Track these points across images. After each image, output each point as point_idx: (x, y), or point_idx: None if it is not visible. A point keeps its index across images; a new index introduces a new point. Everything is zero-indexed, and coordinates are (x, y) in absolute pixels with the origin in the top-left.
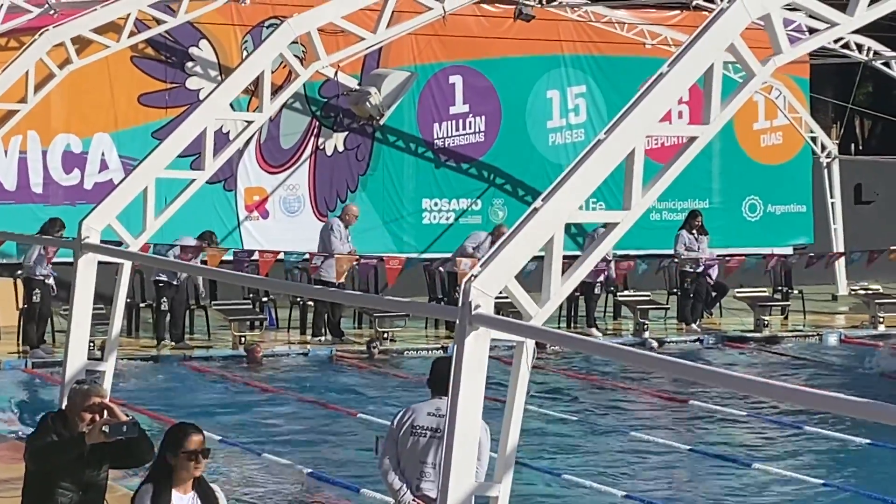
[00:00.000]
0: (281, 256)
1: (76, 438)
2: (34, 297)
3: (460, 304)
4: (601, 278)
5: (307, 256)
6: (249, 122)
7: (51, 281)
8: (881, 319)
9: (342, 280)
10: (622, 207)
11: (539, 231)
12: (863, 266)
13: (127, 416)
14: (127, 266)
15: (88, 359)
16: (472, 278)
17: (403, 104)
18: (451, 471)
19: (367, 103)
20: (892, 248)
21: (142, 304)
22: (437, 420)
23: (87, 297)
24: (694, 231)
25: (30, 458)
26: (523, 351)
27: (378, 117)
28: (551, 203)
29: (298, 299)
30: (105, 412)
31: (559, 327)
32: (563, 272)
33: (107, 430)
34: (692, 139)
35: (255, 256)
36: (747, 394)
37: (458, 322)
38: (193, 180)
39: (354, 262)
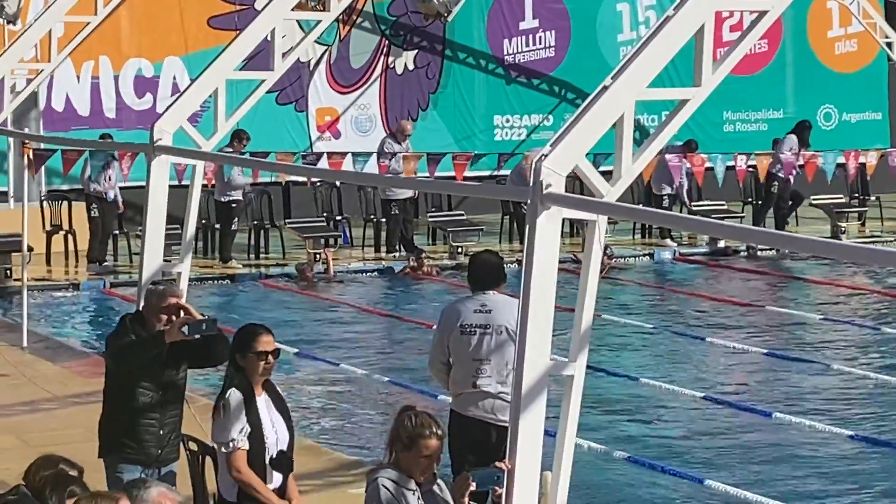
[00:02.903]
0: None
1: (156, 336)
2: (92, 213)
3: (531, 183)
4: (669, 190)
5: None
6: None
7: (112, 196)
8: None
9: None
10: (692, 84)
11: (609, 109)
12: None
13: (203, 315)
14: (200, 167)
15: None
16: (543, 158)
17: (473, 20)
18: (525, 349)
19: (434, 0)
20: None
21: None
22: (486, 316)
23: (161, 199)
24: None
25: (111, 357)
26: (596, 229)
27: (446, 14)
28: (621, 81)
29: (372, 217)
30: (181, 312)
31: (634, 240)
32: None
33: (186, 329)
34: (762, 13)
35: (325, 163)
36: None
37: (529, 202)
38: (263, 81)
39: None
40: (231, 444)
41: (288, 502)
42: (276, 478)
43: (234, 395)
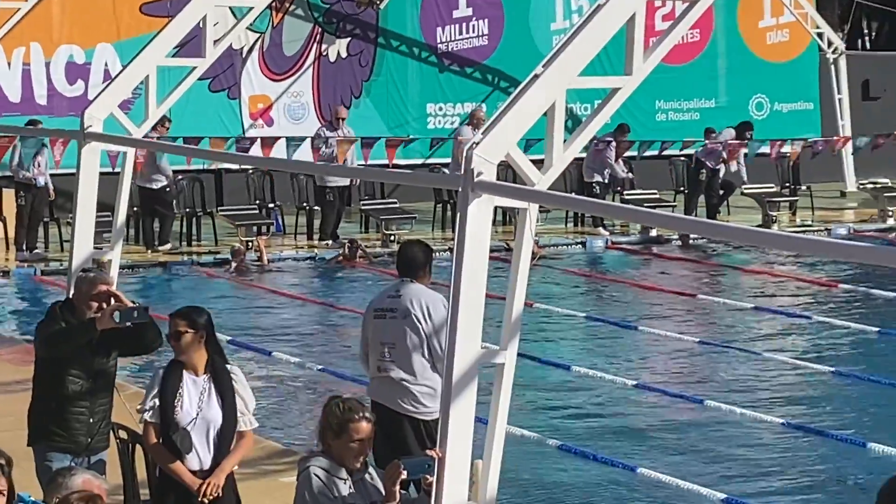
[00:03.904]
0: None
1: (87, 324)
2: (20, 201)
3: (462, 171)
4: (600, 179)
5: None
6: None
7: (43, 183)
8: (890, 213)
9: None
10: (623, 73)
11: (540, 97)
12: (869, 158)
13: (134, 302)
14: (130, 154)
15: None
16: (474, 146)
17: (406, 8)
18: (456, 338)
19: None
20: None
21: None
22: (395, 301)
23: (91, 186)
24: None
25: (41, 344)
26: (527, 217)
27: (378, 2)
28: (552, 69)
29: (305, 204)
30: (112, 299)
31: (566, 228)
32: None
33: (117, 316)
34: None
35: (258, 151)
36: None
37: (460, 190)
38: (195, 68)
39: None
40: (142, 416)
41: (201, 481)
42: (197, 459)
43: (158, 371)
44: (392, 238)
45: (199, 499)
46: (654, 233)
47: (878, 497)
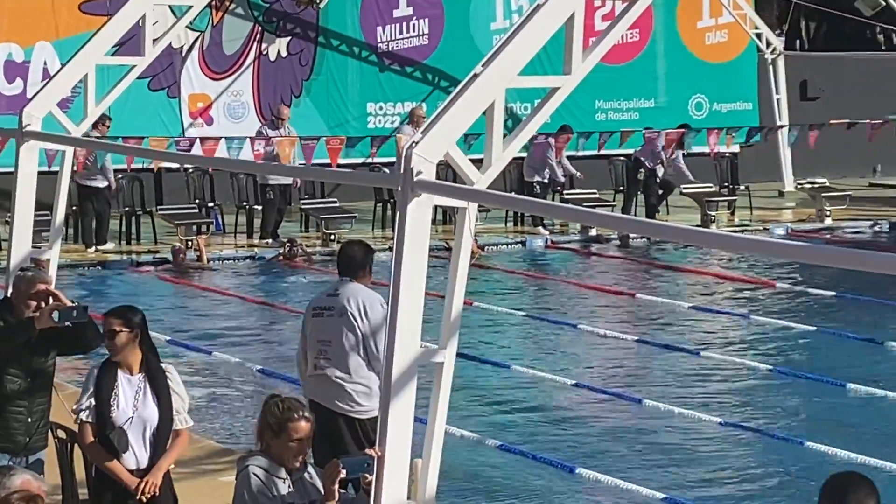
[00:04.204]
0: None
1: (25, 323)
2: None
3: (402, 170)
4: (540, 178)
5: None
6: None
7: None
8: (828, 213)
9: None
10: (563, 72)
11: (479, 97)
12: (807, 158)
13: (73, 302)
14: (69, 153)
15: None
16: (414, 145)
17: (346, 7)
18: (395, 337)
19: None
20: (832, 121)
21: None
22: (333, 299)
23: (30, 184)
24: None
25: None
26: (466, 216)
27: (318, 1)
28: (491, 69)
29: (245, 203)
30: (51, 298)
31: (506, 227)
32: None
33: (56, 315)
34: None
35: (198, 150)
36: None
37: (399, 189)
38: (134, 66)
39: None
40: (78, 416)
41: (138, 480)
42: (134, 458)
43: (92, 371)
44: (332, 237)
45: (136, 497)
46: (593, 232)
47: (821, 494)
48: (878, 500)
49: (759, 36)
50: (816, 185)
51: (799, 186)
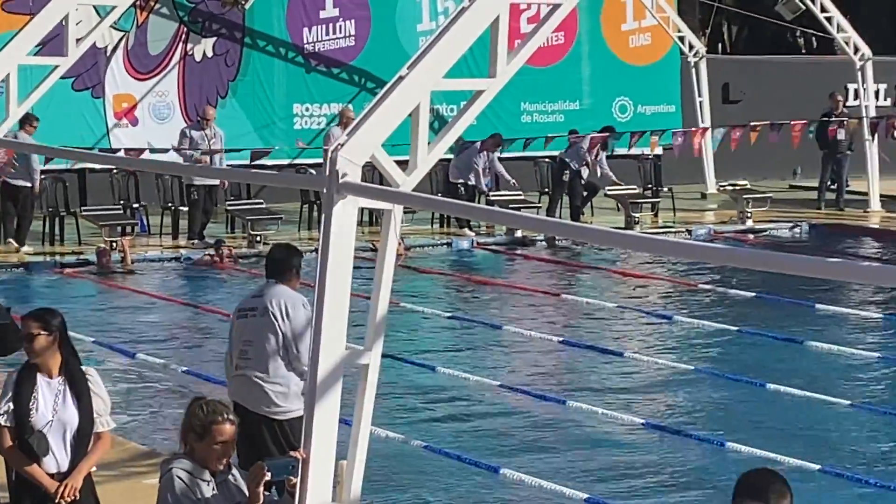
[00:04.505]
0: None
1: None
2: None
3: (327, 172)
4: (466, 181)
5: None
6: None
7: None
8: (749, 214)
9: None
10: (488, 75)
11: (405, 99)
12: (729, 160)
13: None
14: None
15: None
16: (339, 147)
17: (273, 9)
18: (321, 338)
19: None
20: (753, 123)
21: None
22: (256, 300)
23: None
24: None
25: None
26: (392, 218)
27: (243, 2)
28: (416, 71)
29: (170, 204)
30: None
31: (432, 229)
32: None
33: None
34: (555, 6)
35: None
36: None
37: (325, 191)
38: (57, 66)
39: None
40: None
41: (59, 483)
42: (55, 461)
43: (11, 375)
44: (258, 239)
45: (57, 501)
46: (519, 234)
47: (735, 492)
48: (792, 497)
49: (681, 39)
50: (738, 188)
51: (721, 188)
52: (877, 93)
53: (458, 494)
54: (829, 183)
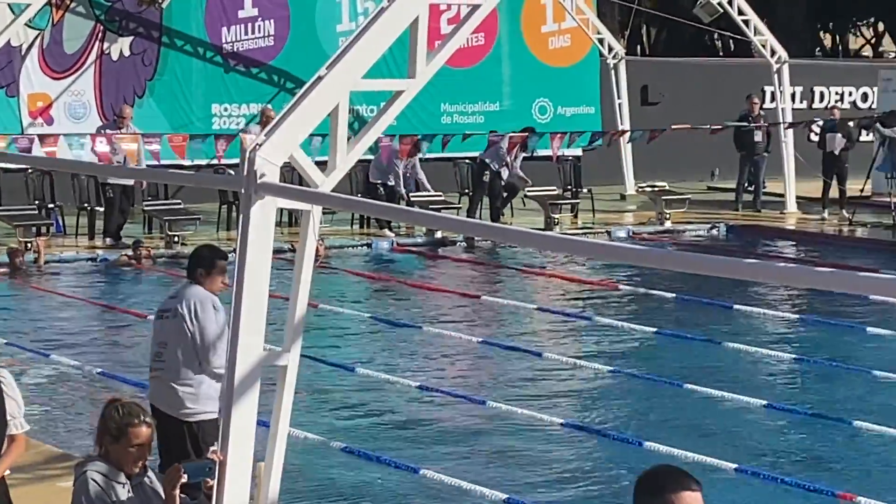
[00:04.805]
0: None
1: None
2: None
3: (245, 173)
4: (386, 181)
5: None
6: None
7: None
8: (667, 215)
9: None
10: (407, 75)
11: (323, 99)
12: (648, 161)
13: None
14: None
15: None
16: (257, 147)
17: (191, 8)
18: (238, 339)
19: None
20: (674, 125)
21: None
22: (172, 301)
23: None
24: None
25: None
26: (310, 219)
27: (160, 0)
28: (335, 71)
29: (86, 205)
30: None
31: (352, 230)
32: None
33: None
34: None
35: (38, 149)
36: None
37: (243, 192)
38: None
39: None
40: None
41: None
42: None
43: None
44: (176, 239)
45: None
46: (439, 234)
47: (635, 491)
48: (701, 491)
49: (601, 41)
50: (657, 189)
51: (640, 190)
52: (793, 95)
53: (378, 495)
54: (746, 184)
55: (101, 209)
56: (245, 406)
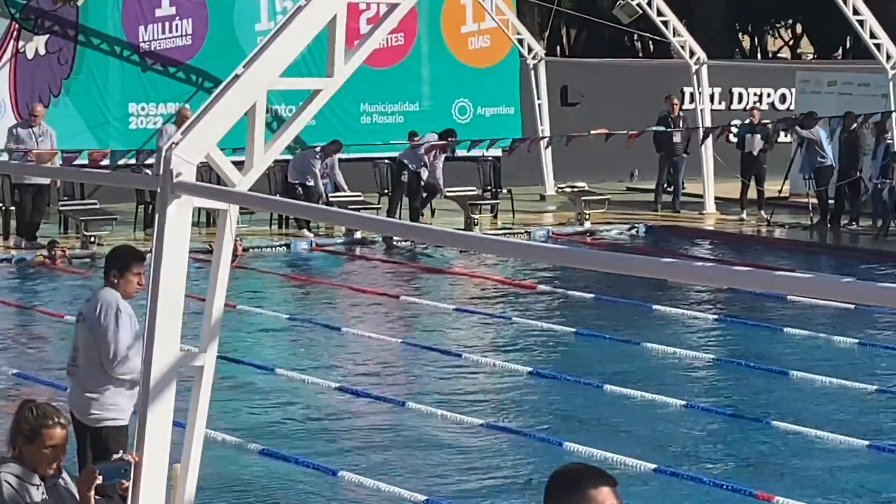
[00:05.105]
0: None
1: None
2: None
3: (161, 172)
4: (304, 181)
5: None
6: None
7: None
8: (587, 216)
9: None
10: (325, 74)
11: (241, 98)
12: (567, 162)
13: None
14: None
15: None
16: (174, 146)
17: (108, 7)
18: (154, 340)
19: None
20: (593, 130)
21: None
22: (85, 305)
23: None
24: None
25: None
26: (227, 218)
27: None
28: (252, 70)
29: (1, 205)
30: None
31: (271, 230)
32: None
33: None
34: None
35: None
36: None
37: (159, 191)
38: None
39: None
40: None
41: None
42: None
43: None
44: (92, 240)
45: None
46: (358, 235)
47: (549, 487)
48: (616, 488)
49: (521, 41)
50: (576, 190)
51: (559, 190)
52: (712, 96)
53: (297, 497)
54: (665, 185)
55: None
56: (161, 407)
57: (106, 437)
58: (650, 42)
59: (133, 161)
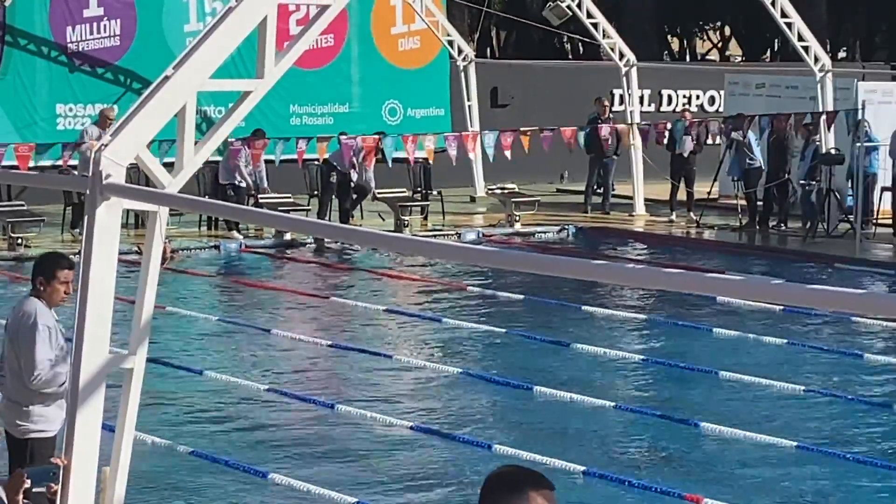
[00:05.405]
0: None
1: None
2: None
3: (90, 173)
4: (234, 182)
5: None
6: None
7: None
8: (517, 217)
9: None
10: (255, 76)
11: (170, 99)
12: (497, 164)
13: None
14: None
15: None
16: (103, 147)
17: (35, 7)
18: (83, 343)
19: None
20: (524, 128)
21: None
22: (11, 314)
23: None
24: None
25: None
26: (157, 220)
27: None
28: (182, 71)
29: None
30: None
31: (200, 232)
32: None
33: None
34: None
35: None
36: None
37: (88, 193)
38: None
39: None
40: None
41: None
42: None
43: None
44: (19, 242)
45: None
46: (288, 236)
47: (485, 489)
48: (553, 490)
49: (451, 43)
50: (506, 191)
51: (490, 192)
52: (641, 98)
53: (226, 500)
54: (595, 187)
55: None
56: (90, 410)
57: (31, 449)
58: (580, 44)
59: (59, 162)
